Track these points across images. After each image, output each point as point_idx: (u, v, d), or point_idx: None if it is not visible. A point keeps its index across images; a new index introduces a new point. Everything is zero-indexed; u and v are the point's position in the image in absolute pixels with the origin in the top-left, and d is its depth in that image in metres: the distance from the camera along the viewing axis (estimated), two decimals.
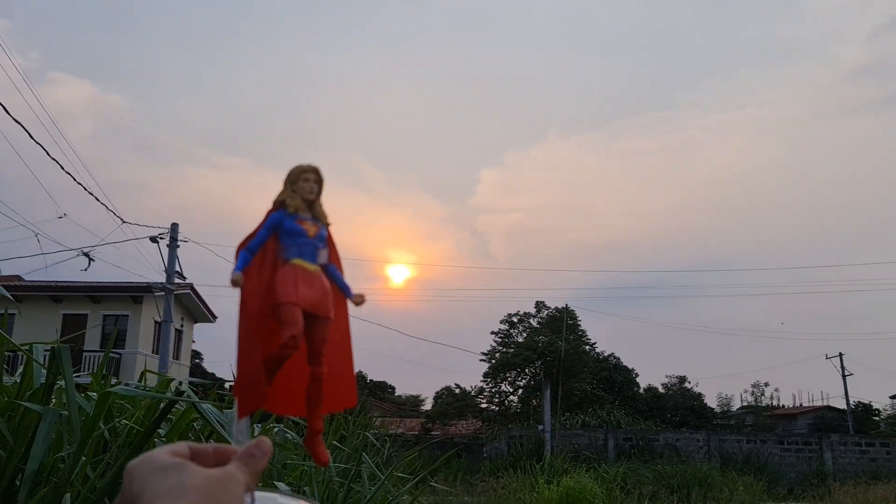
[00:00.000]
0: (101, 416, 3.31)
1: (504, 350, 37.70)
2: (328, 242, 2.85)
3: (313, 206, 2.93)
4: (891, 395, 53.33)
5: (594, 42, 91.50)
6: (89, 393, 3.87)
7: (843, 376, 46.34)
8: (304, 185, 2.98)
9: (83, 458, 3.16)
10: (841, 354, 46.78)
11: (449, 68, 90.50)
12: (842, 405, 48.35)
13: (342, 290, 3.11)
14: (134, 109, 77.81)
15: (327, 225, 2.79)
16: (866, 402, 52.45)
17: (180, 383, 5.17)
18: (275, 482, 4.16)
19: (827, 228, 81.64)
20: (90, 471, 3.72)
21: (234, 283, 2.44)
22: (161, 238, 23.18)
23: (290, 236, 2.78)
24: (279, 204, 2.57)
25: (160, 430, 4.40)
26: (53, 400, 3.64)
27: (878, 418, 52.43)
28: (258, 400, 2.11)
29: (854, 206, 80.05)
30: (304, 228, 2.80)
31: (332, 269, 3.26)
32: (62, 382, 3.38)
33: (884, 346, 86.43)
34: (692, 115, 79.88)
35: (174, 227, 23.39)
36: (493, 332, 39.09)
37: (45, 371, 3.26)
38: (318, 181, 3.08)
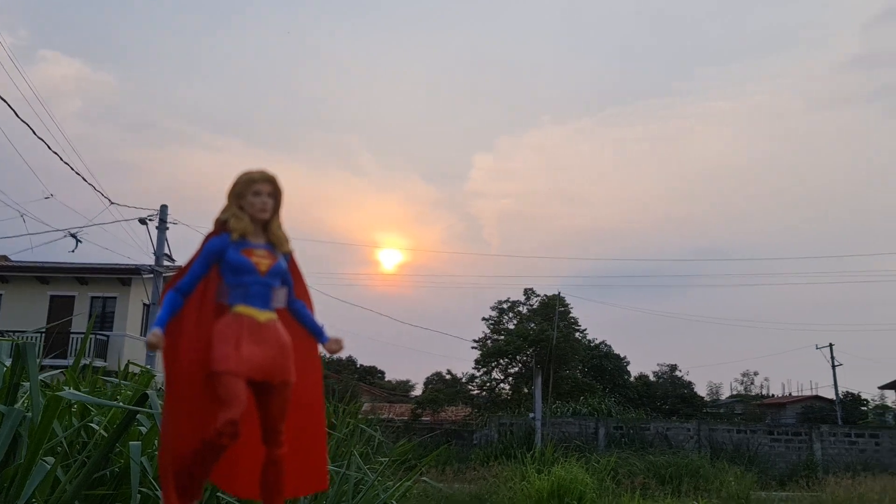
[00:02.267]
0: (52, 422, 3.04)
1: (495, 337, 37.55)
2: (291, 273, 2.10)
3: (268, 227, 2.20)
4: (879, 385, 53.55)
5: (590, 29, 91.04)
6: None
7: (833, 366, 46.47)
8: (254, 201, 2.32)
9: (37, 462, 2.91)
10: (831, 345, 46.91)
11: (444, 53, 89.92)
12: (831, 395, 48.54)
13: (312, 334, 2.35)
14: (125, 88, 76.94)
15: (287, 253, 2.08)
16: (855, 392, 52.71)
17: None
18: None
19: (819, 219, 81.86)
20: (61, 473, 3.47)
21: (151, 345, 1.81)
22: (150, 220, 22.87)
23: (235, 273, 2.02)
24: (221, 225, 1.87)
25: (141, 429, 4.16)
26: (22, 399, 3.40)
27: (865, 408, 52.70)
28: (193, 493, 1.54)
29: (846, 196, 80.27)
30: (252, 262, 2.07)
31: (299, 307, 2.57)
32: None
33: (873, 337, 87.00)
34: (686, 104, 79.68)
35: (163, 208, 23.06)
36: (483, 319, 38.93)
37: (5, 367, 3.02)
38: (275, 194, 2.43)
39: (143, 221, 22.74)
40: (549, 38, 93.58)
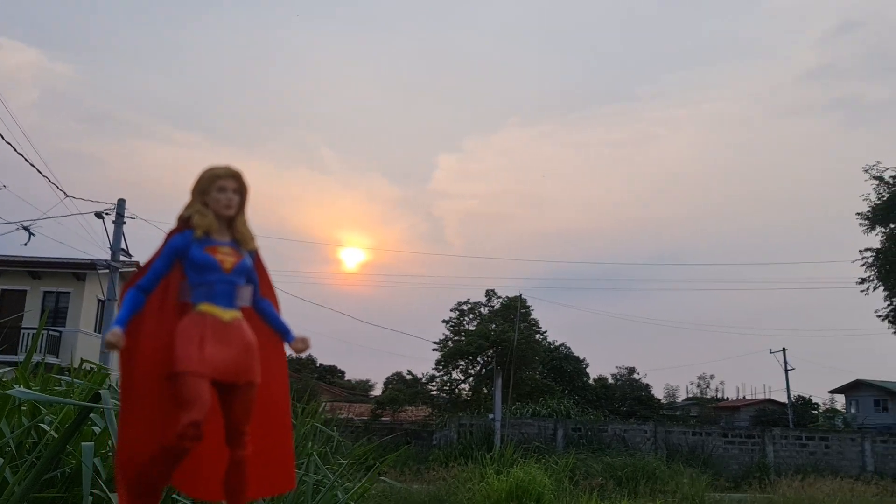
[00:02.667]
0: (0, 421, 2.92)
1: (455, 338, 37.55)
2: (256, 271, 2.05)
3: (233, 224, 2.14)
4: (829, 389, 54.94)
5: (557, 33, 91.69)
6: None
7: (786, 371, 47.49)
8: (218, 197, 2.26)
9: None
10: (784, 349, 47.94)
11: (411, 52, 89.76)
12: (783, 399, 49.61)
13: (279, 333, 2.31)
14: (84, 79, 75.28)
15: (253, 251, 2.03)
16: (806, 396, 53.97)
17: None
18: None
19: (774, 225, 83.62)
20: (10, 475, 3.35)
21: (110, 344, 1.73)
22: (107, 214, 22.35)
23: (198, 271, 1.96)
24: (184, 222, 1.81)
25: (95, 429, 4.04)
26: None
27: (816, 412, 54.00)
28: (151, 497, 1.49)
29: (802, 205, 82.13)
30: (217, 260, 2.01)
31: (265, 306, 2.51)
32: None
33: (824, 342, 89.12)
34: (649, 109, 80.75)
35: (121, 202, 22.57)
36: (444, 321, 38.93)
37: None
38: (240, 190, 2.37)
39: (99, 215, 22.23)
40: (518, 41, 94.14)
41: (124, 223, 22.59)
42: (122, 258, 22.96)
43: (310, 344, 2.40)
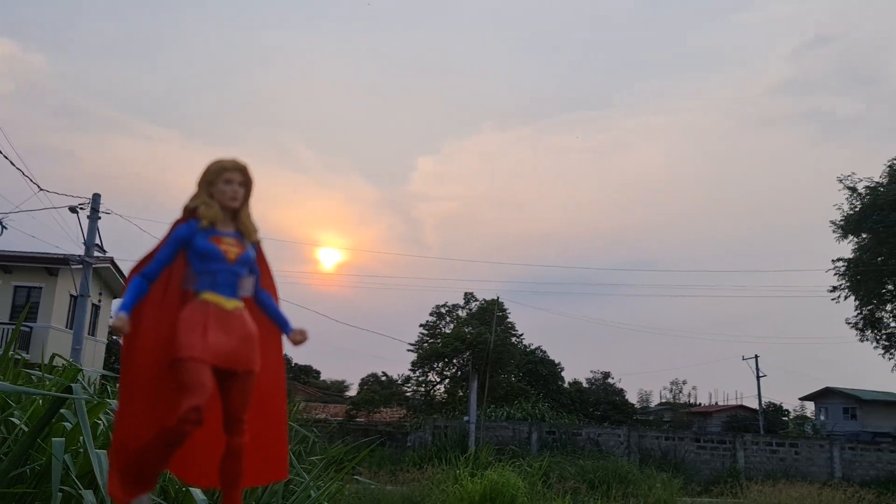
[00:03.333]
0: None
1: (432, 341, 37.54)
2: (258, 263, 2.09)
3: (238, 216, 2.18)
4: (800, 396, 55.66)
5: (535, 39, 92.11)
6: None
7: (758, 377, 47.98)
8: (224, 189, 2.30)
9: None
10: (756, 356, 48.42)
11: (390, 54, 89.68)
12: (755, 405, 50.12)
13: (277, 324, 2.37)
14: (58, 72, 74.30)
15: (256, 242, 2.07)
16: (777, 402, 54.66)
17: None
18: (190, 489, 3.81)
19: (748, 234, 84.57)
20: None
21: (116, 328, 1.76)
22: (81, 208, 22.01)
23: (202, 260, 2.00)
24: (190, 212, 1.85)
25: (66, 424, 3.98)
26: None
27: (786, 418, 54.71)
28: (145, 483, 1.51)
29: (772, 214, 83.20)
30: (221, 250, 2.05)
31: (265, 298, 2.56)
32: None
33: (795, 350, 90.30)
34: (624, 117, 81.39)
35: (96, 197, 22.26)
36: (421, 325, 38.92)
37: None
38: (245, 183, 2.41)
39: (73, 210, 21.90)
40: (495, 46, 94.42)
41: (99, 218, 22.28)
42: (96, 254, 22.66)
43: (307, 336, 2.46)
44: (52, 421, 3.79)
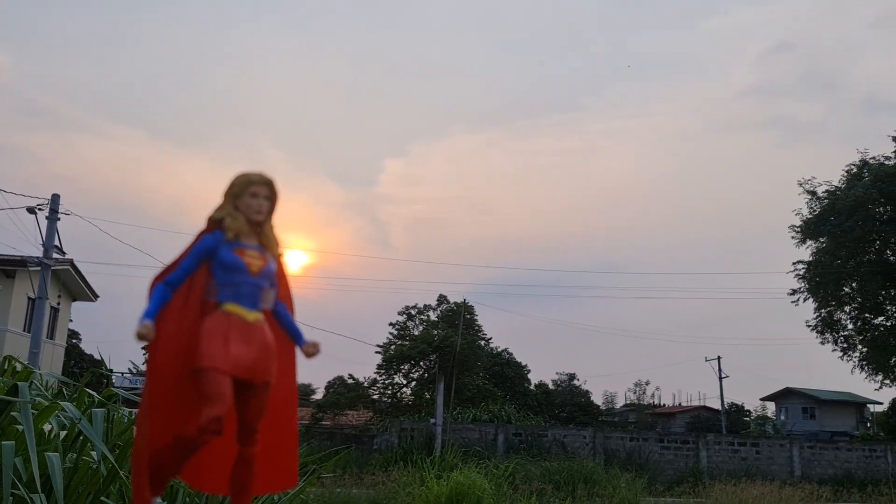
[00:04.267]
0: None
1: (400, 342, 37.48)
2: (277, 277, 2.14)
3: (261, 229, 2.24)
4: (761, 396, 56.63)
5: (503, 42, 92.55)
6: None
7: (720, 378, 48.69)
8: (251, 203, 2.34)
9: None
10: (719, 358, 49.16)
11: (359, 54, 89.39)
12: (717, 405, 50.89)
13: (291, 337, 2.42)
14: (19, 69, 72.69)
15: (277, 256, 2.13)
16: (739, 403, 55.53)
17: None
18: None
19: (712, 237, 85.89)
20: None
21: (142, 336, 1.78)
22: (40, 209, 21.56)
23: (227, 271, 2.05)
24: (215, 224, 1.91)
25: (18, 427, 3.88)
26: None
27: (748, 419, 55.61)
28: (156, 488, 1.54)
29: (737, 218, 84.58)
30: (245, 262, 2.10)
31: (281, 309, 2.61)
32: None
33: (756, 351, 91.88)
34: (593, 120, 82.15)
35: (55, 197, 21.83)
36: (391, 324, 38.79)
37: None
38: (271, 197, 2.46)
39: (31, 211, 21.44)
40: (464, 49, 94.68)
41: (58, 219, 21.85)
42: (55, 255, 22.22)
43: (320, 348, 2.48)
44: (4, 424, 3.69)
